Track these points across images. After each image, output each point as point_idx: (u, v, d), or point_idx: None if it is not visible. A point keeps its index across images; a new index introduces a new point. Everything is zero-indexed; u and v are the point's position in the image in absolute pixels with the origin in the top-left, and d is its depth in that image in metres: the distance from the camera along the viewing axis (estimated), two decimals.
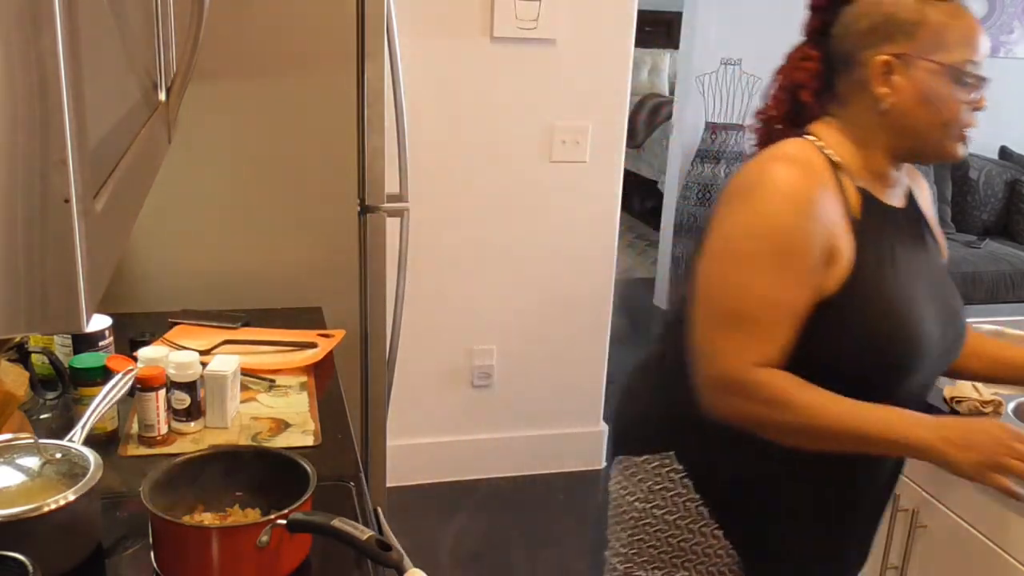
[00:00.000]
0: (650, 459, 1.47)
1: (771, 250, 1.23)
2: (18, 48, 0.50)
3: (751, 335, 1.24)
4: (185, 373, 1.50)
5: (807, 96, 1.36)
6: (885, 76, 1.29)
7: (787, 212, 1.23)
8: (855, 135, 1.33)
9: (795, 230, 1.23)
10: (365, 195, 2.16)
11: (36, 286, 0.54)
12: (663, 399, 1.47)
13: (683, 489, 1.43)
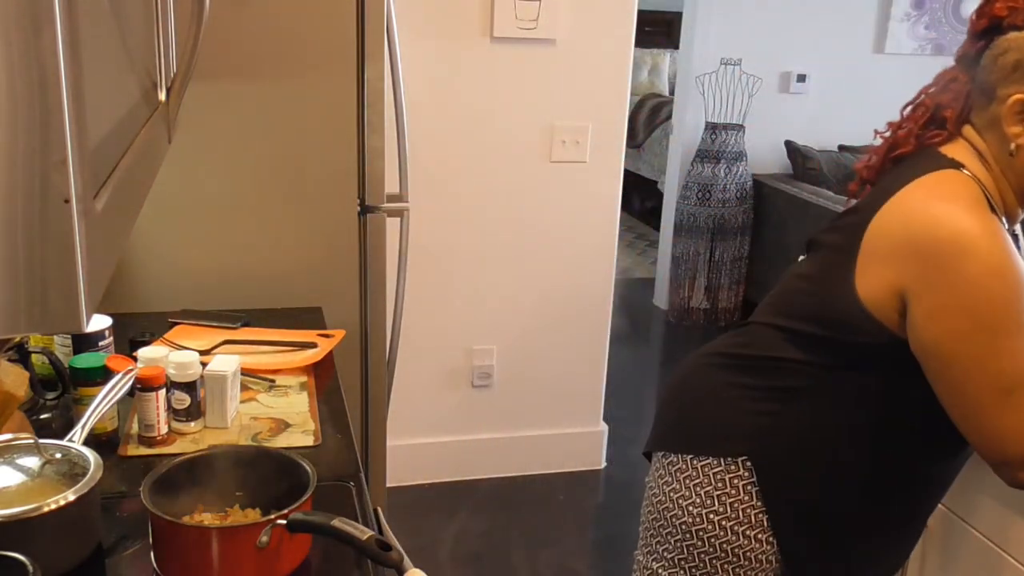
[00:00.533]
0: (712, 463, 1.42)
1: (1014, 309, 1.21)
2: (18, 48, 0.50)
3: None
4: (185, 373, 1.50)
5: (950, 115, 1.34)
6: (1019, 116, 1.26)
7: (1006, 267, 1.21)
8: (992, 170, 1.31)
9: (1018, 284, 1.21)
10: (365, 195, 2.16)
11: (36, 286, 0.54)
12: (744, 403, 1.42)
13: (746, 496, 1.40)
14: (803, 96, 5.05)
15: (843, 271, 1.31)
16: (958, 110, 1.33)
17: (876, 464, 1.38)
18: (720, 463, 1.41)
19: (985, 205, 1.25)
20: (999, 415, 1.23)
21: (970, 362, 1.23)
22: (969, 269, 1.20)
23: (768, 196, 4.84)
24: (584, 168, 3.08)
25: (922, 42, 5.11)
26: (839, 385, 1.35)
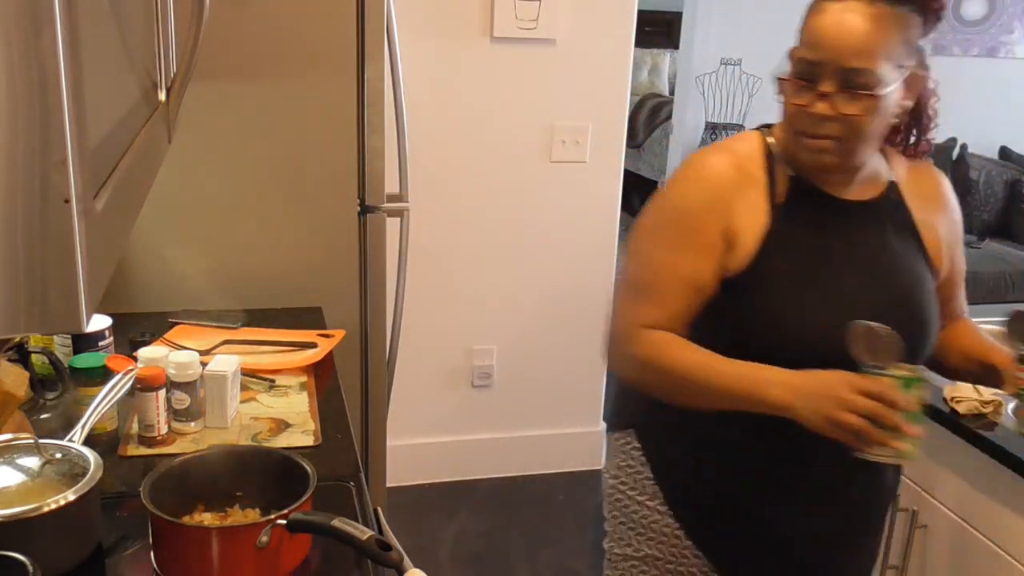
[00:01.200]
0: (619, 436, 1.51)
1: (673, 226, 1.34)
2: (18, 48, 0.50)
3: (644, 300, 1.34)
4: (185, 373, 1.50)
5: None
6: (780, 84, 1.32)
7: (693, 193, 1.33)
8: (787, 130, 1.36)
9: (695, 209, 1.32)
10: (365, 195, 2.16)
11: (36, 286, 0.54)
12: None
13: (642, 467, 1.46)
14: None
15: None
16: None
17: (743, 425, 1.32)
18: (623, 436, 1.49)
19: (752, 156, 1.33)
20: (621, 299, 1.41)
21: (629, 251, 1.40)
22: (673, 186, 1.38)
23: None
24: (584, 168, 3.08)
25: None
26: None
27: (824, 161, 1.29)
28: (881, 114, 1.26)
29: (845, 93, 1.23)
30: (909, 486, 1.93)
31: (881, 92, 1.23)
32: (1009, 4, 5.15)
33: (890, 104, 1.27)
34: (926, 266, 1.41)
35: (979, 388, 1.81)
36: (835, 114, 1.23)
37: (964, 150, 5.12)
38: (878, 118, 1.26)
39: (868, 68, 1.21)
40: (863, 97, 1.22)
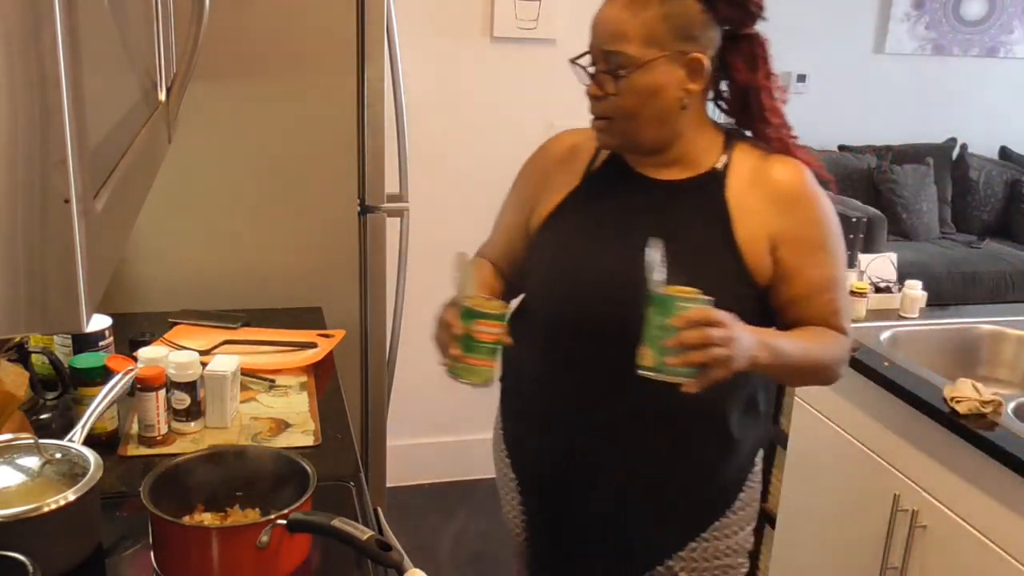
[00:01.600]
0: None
1: (513, 182, 1.62)
2: (18, 48, 0.50)
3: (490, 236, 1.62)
4: (185, 373, 1.50)
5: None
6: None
7: (530, 158, 1.59)
8: None
9: (524, 171, 1.59)
10: (365, 195, 2.16)
11: (36, 286, 0.54)
12: None
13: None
14: (803, 96, 5.05)
15: None
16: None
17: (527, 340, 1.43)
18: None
19: (592, 135, 1.42)
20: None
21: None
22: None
23: None
24: None
25: (922, 42, 5.11)
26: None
27: (604, 141, 1.40)
28: (641, 95, 1.31)
29: (607, 75, 1.32)
30: (910, 486, 1.93)
31: (632, 73, 1.29)
32: (1009, 4, 5.15)
33: (654, 87, 1.30)
34: (728, 255, 1.35)
35: (978, 387, 1.81)
36: (602, 94, 1.33)
37: (964, 150, 5.12)
38: (640, 98, 1.31)
39: (620, 50, 1.29)
40: (620, 77, 1.30)
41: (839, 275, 1.42)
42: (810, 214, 1.38)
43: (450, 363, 1.33)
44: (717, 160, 1.38)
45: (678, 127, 1.36)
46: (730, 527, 1.48)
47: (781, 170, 1.38)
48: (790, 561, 2.42)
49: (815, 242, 1.38)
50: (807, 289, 1.38)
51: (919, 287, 2.30)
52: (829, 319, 1.39)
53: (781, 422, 2.50)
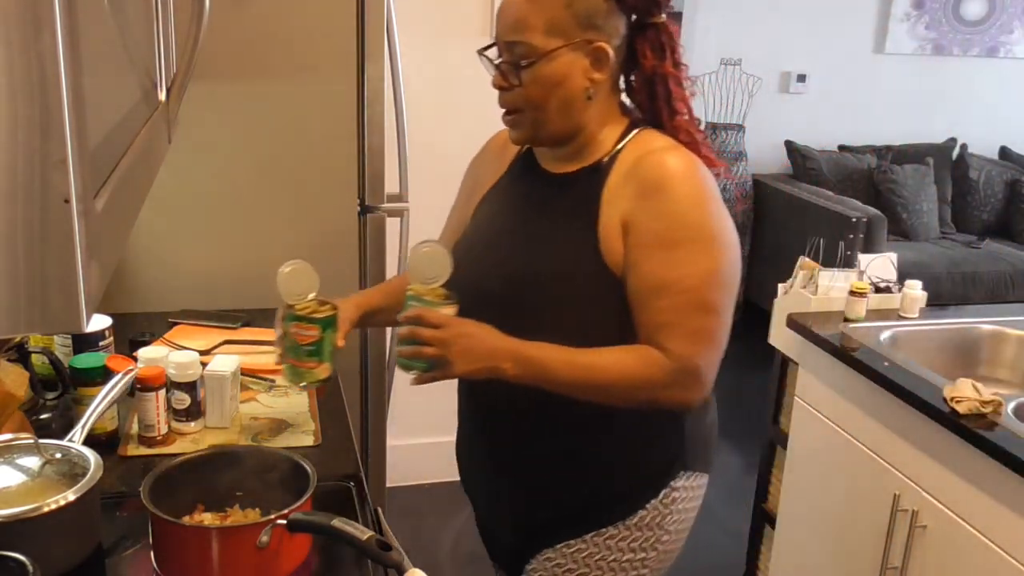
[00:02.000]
0: None
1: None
2: (18, 48, 0.50)
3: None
4: (185, 373, 1.50)
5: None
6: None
7: (477, 153, 1.62)
8: None
9: (469, 166, 1.62)
10: (365, 195, 2.16)
11: (36, 286, 0.54)
12: None
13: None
14: (803, 96, 5.05)
15: None
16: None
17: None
18: None
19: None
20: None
21: None
22: None
23: (768, 196, 4.84)
24: None
25: (922, 42, 5.11)
26: None
27: (513, 134, 1.38)
28: (544, 85, 1.28)
29: (509, 64, 1.30)
30: (910, 486, 1.93)
31: (535, 63, 1.27)
32: (1009, 4, 5.15)
33: (557, 77, 1.28)
34: (588, 248, 1.30)
35: (978, 387, 1.81)
36: (507, 85, 1.31)
37: (964, 150, 5.12)
38: (545, 89, 1.29)
39: (522, 40, 1.27)
40: (523, 68, 1.28)
41: (682, 285, 1.26)
42: (663, 207, 1.26)
43: (280, 365, 1.42)
44: (612, 149, 1.34)
45: (583, 118, 1.32)
46: (618, 542, 1.39)
47: (654, 159, 1.28)
48: (790, 561, 2.42)
49: (659, 237, 1.26)
50: (640, 288, 1.27)
51: (919, 287, 2.30)
52: (654, 333, 1.26)
53: (781, 422, 2.50)
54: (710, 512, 3.20)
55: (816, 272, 2.33)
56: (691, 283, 1.26)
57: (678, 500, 1.41)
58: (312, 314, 1.44)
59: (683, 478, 1.41)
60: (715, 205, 1.28)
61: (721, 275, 1.27)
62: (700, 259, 1.26)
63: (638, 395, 1.29)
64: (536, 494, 1.44)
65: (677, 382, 1.28)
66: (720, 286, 1.27)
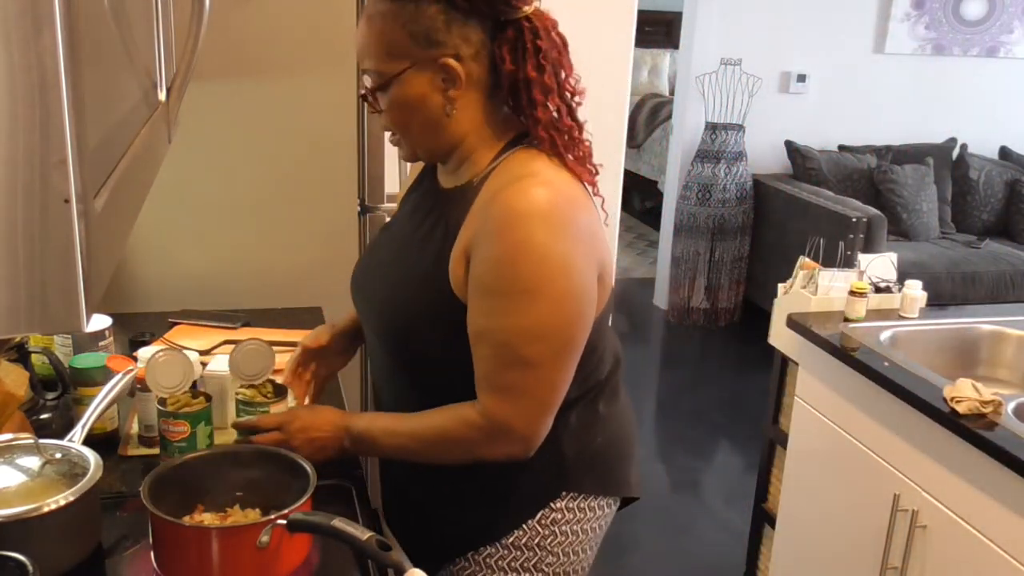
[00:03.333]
0: None
1: None
2: (18, 48, 0.50)
3: None
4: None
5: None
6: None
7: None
8: None
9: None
10: (365, 195, 2.16)
11: (36, 286, 0.54)
12: None
13: None
14: (803, 96, 5.05)
15: None
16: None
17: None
18: None
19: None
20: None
21: None
22: None
23: (768, 196, 4.84)
24: None
25: (922, 42, 5.11)
26: None
27: (400, 154, 1.35)
28: (401, 108, 1.24)
29: (370, 93, 1.27)
30: (910, 486, 1.93)
31: (388, 88, 1.23)
32: (1009, 4, 5.15)
33: (411, 99, 1.23)
34: (438, 275, 1.26)
35: (978, 387, 1.81)
36: (377, 111, 1.28)
37: (964, 150, 5.12)
38: (403, 112, 1.25)
39: (369, 68, 1.25)
40: (378, 93, 1.25)
41: (495, 337, 1.21)
42: (492, 251, 1.19)
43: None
44: (483, 170, 1.27)
45: (452, 134, 1.26)
46: (496, 560, 1.35)
47: (506, 196, 1.20)
48: (790, 561, 2.42)
49: (483, 283, 1.20)
50: (469, 330, 1.23)
51: (919, 287, 2.30)
52: (478, 382, 1.23)
53: (781, 422, 2.50)
54: (710, 512, 3.22)
55: (816, 272, 2.33)
56: (502, 337, 1.20)
57: (560, 521, 1.35)
58: (182, 408, 1.40)
59: (566, 499, 1.35)
60: (543, 252, 1.18)
61: (539, 328, 1.20)
62: (513, 311, 1.19)
63: (457, 454, 1.29)
64: (426, 517, 1.42)
65: (491, 438, 1.25)
66: (537, 339, 1.20)
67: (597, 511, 1.39)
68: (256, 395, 1.44)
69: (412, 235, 1.35)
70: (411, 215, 1.39)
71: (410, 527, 1.45)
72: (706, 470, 3.55)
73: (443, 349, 1.28)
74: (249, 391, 1.44)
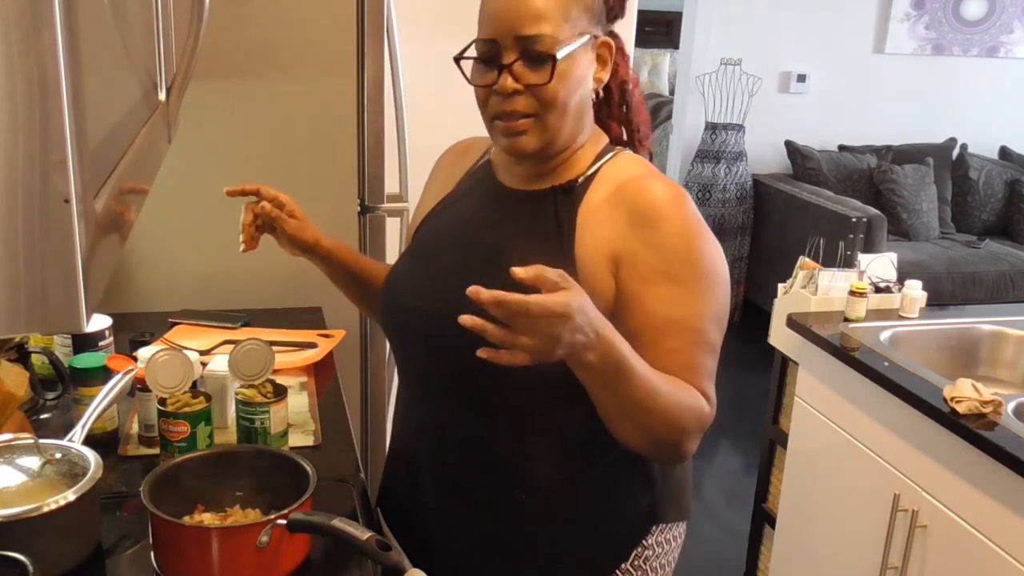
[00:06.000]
0: None
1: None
2: (18, 48, 0.50)
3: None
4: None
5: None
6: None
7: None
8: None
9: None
10: (365, 195, 2.16)
11: (36, 286, 0.54)
12: None
13: None
14: (803, 96, 5.05)
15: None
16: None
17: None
18: None
19: (484, 144, 1.42)
20: None
21: None
22: None
23: (768, 196, 4.84)
24: None
25: (922, 42, 5.12)
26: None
27: (522, 145, 1.19)
28: (570, 82, 1.16)
29: (526, 62, 1.15)
30: (910, 486, 1.93)
31: (560, 54, 1.14)
32: (1009, 4, 5.15)
33: (578, 74, 1.17)
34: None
35: (978, 387, 1.81)
36: (521, 86, 1.15)
37: (964, 150, 5.12)
38: (566, 86, 1.15)
39: (543, 33, 1.14)
40: (545, 63, 1.14)
41: (695, 323, 1.14)
42: (660, 238, 1.15)
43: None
44: (587, 170, 1.22)
45: (585, 125, 1.22)
46: None
47: (641, 186, 1.18)
48: (790, 561, 2.42)
49: (659, 269, 1.14)
50: (644, 326, 1.13)
51: (919, 287, 2.30)
52: (679, 374, 1.13)
53: (781, 422, 2.50)
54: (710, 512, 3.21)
55: (816, 272, 2.33)
56: (696, 323, 1.14)
57: (651, 558, 1.26)
58: (182, 408, 1.40)
59: (656, 533, 1.27)
60: (709, 236, 1.18)
61: (720, 312, 1.17)
62: (703, 296, 1.15)
63: (681, 443, 1.13)
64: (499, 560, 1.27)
65: (702, 430, 1.14)
66: (717, 324, 1.17)
67: (679, 539, 1.32)
68: (256, 395, 1.44)
69: (493, 243, 1.22)
70: (476, 220, 1.27)
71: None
72: (706, 470, 3.55)
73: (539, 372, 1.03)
74: (249, 391, 1.44)
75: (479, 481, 1.25)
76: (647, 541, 1.26)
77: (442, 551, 1.28)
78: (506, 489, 1.23)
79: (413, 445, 1.32)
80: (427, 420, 1.30)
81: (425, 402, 1.30)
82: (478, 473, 1.25)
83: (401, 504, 1.37)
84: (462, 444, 1.25)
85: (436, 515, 1.30)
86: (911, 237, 4.72)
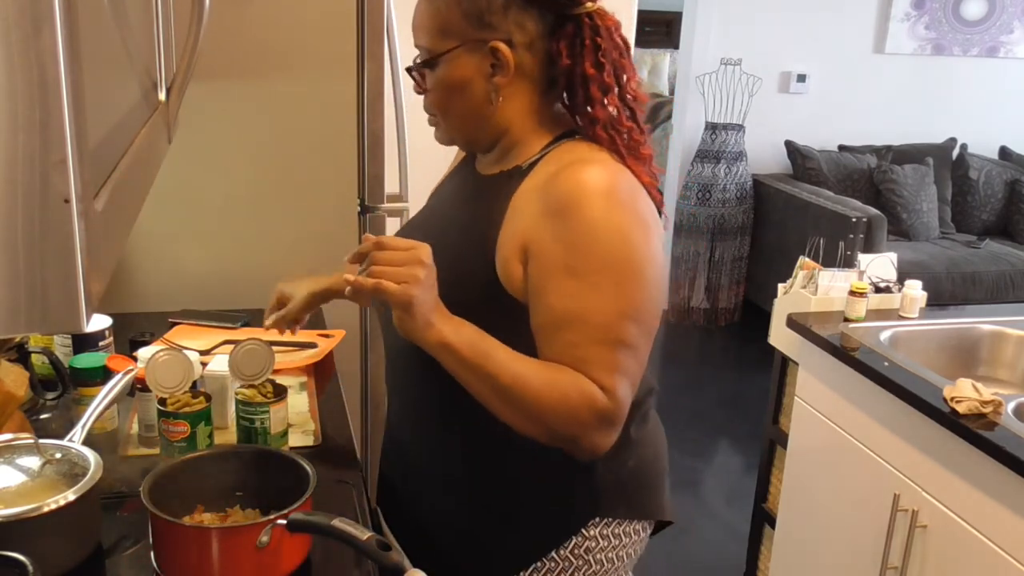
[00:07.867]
0: None
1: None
2: (18, 48, 0.50)
3: None
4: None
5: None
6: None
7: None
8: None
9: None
10: (365, 195, 2.16)
11: (36, 286, 0.54)
12: None
13: None
14: (803, 96, 5.05)
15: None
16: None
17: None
18: None
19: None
20: None
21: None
22: None
23: (768, 196, 4.84)
24: None
25: (922, 42, 5.11)
26: None
27: (437, 137, 1.30)
28: (446, 91, 1.22)
29: (417, 71, 1.25)
30: (910, 486, 1.93)
31: (435, 67, 1.21)
32: (1009, 4, 5.15)
33: (458, 81, 1.21)
34: (481, 261, 1.20)
35: (978, 387, 1.81)
36: (421, 90, 1.26)
37: (964, 150, 5.12)
38: (446, 93, 1.22)
39: (421, 44, 1.23)
40: (426, 71, 1.23)
41: (596, 318, 1.13)
42: (566, 230, 1.13)
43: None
44: (531, 158, 1.23)
45: (496, 124, 1.23)
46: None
47: (568, 173, 1.15)
48: (790, 561, 2.42)
49: (561, 264, 1.13)
50: (545, 319, 1.15)
51: (919, 287, 2.30)
52: (577, 368, 1.13)
53: (781, 422, 2.50)
54: (710, 512, 3.21)
55: (816, 272, 2.33)
56: (599, 318, 1.12)
57: (594, 549, 1.28)
58: (182, 408, 1.40)
59: (599, 526, 1.28)
60: (634, 228, 1.14)
61: (637, 308, 1.14)
62: (608, 290, 1.13)
63: (556, 426, 1.14)
64: (443, 548, 1.34)
65: (608, 425, 1.15)
66: (635, 320, 1.14)
67: (633, 536, 1.33)
68: (256, 395, 1.44)
69: (451, 224, 1.29)
70: (449, 203, 1.35)
71: (420, 554, 1.29)
72: (706, 470, 3.55)
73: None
74: (249, 391, 1.44)
75: (437, 470, 1.34)
76: (588, 531, 1.28)
77: (440, 550, 1.32)
78: (451, 477, 1.32)
79: (400, 440, 1.40)
80: (403, 411, 1.38)
81: (398, 391, 1.39)
82: (438, 461, 1.33)
83: (401, 504, 1.40)
84: (422, 441, 1.34)
85: (430, 513, 1.36)
86: (911, 237, 4.72)
